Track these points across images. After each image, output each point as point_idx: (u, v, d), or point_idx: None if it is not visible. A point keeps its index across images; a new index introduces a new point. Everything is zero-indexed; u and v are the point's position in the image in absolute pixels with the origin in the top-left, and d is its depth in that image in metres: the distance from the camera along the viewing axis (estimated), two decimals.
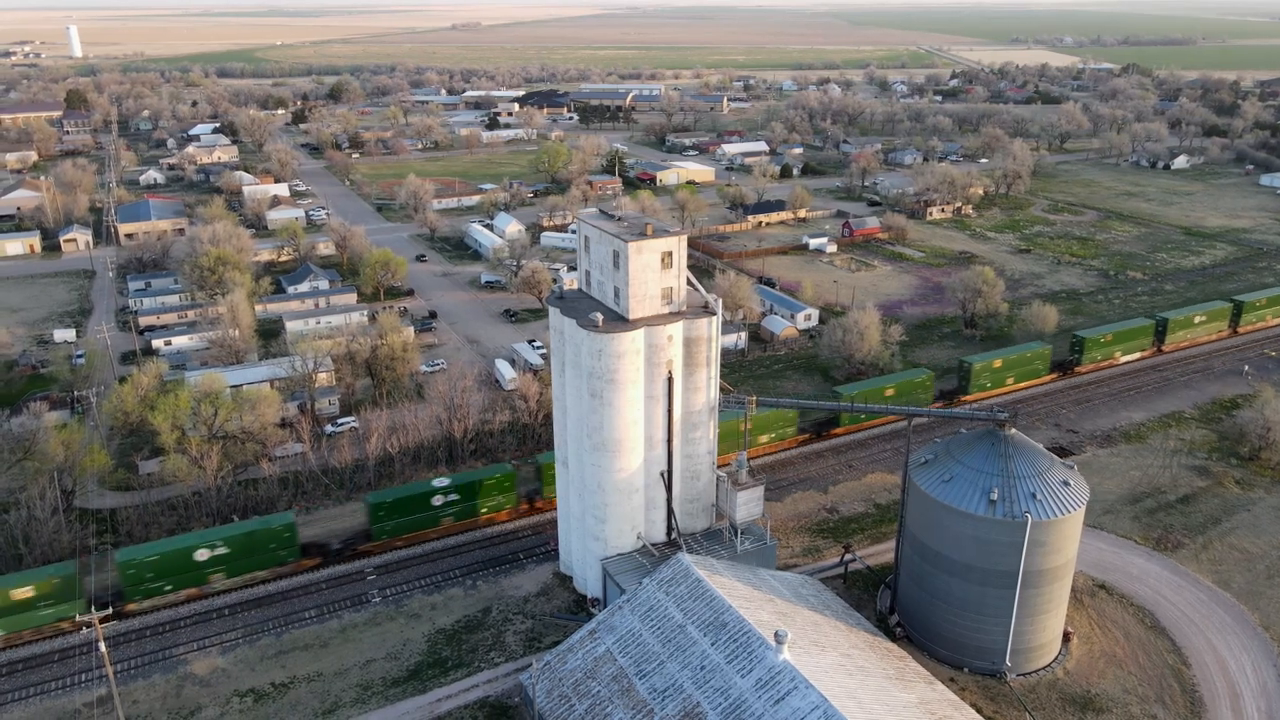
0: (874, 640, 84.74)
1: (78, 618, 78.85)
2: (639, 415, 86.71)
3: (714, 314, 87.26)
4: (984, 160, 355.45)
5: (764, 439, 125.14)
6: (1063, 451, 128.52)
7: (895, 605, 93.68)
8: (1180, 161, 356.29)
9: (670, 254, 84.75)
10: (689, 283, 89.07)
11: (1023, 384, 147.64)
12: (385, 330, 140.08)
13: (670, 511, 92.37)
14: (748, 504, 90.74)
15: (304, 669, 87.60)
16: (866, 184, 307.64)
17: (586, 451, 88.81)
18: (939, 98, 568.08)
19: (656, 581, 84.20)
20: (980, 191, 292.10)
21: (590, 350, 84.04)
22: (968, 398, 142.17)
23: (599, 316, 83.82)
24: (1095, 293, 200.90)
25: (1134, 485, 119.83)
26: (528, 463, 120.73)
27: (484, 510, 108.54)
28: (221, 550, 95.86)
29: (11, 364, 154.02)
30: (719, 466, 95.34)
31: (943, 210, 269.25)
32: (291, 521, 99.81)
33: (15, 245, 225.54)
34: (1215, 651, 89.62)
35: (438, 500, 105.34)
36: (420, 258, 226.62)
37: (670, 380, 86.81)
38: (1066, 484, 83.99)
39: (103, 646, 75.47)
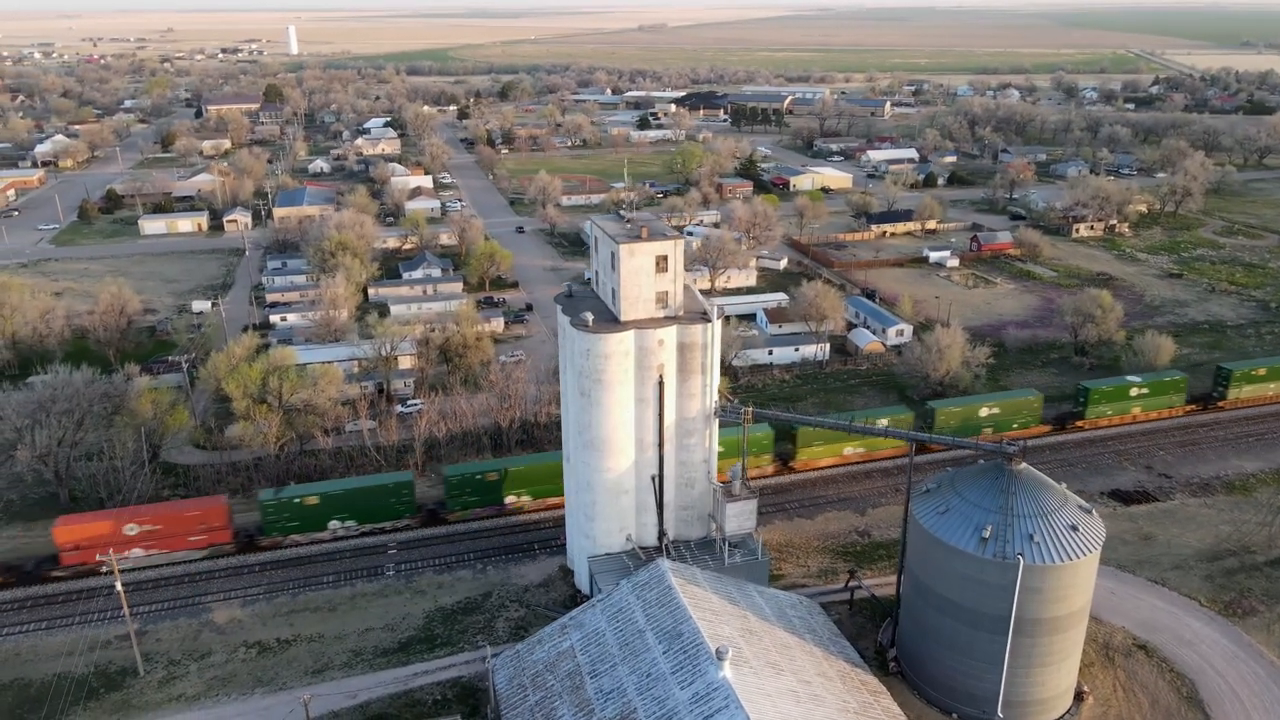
0: (849, 671, 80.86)
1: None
2: (628, 416, 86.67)
3: (710, 321, 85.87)
4: (1161, 175, 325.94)
5: (1013, 426, 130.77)
6: (1146, 496, 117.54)
7: (895, 639, 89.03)
8: None
9: (665, 258, 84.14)
10: (689, 289, 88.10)
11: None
12: (460, 320, 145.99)
13: (660, 516, 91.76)
14: (738, 516, 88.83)
15: (309, 629, 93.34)
16: (1014, 196, 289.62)
17: (578, 449, 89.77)
18: (1130, 105, 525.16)
19: (631, 584, 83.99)
20: (1142, 209, 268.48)
21: (580, 349, 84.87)
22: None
23: (589, 316, 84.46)
24: (1244, 326, 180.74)
25: (1219, 541, 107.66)
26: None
27: None
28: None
29: (151, 329, 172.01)
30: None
31: (1092, 228, 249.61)
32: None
33: (186, 223, 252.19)
34: None
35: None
36: (520, 229, 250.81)
37: (661, 384, 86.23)
38: (1074, 528, 76.97)
39: (119, 586, 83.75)
